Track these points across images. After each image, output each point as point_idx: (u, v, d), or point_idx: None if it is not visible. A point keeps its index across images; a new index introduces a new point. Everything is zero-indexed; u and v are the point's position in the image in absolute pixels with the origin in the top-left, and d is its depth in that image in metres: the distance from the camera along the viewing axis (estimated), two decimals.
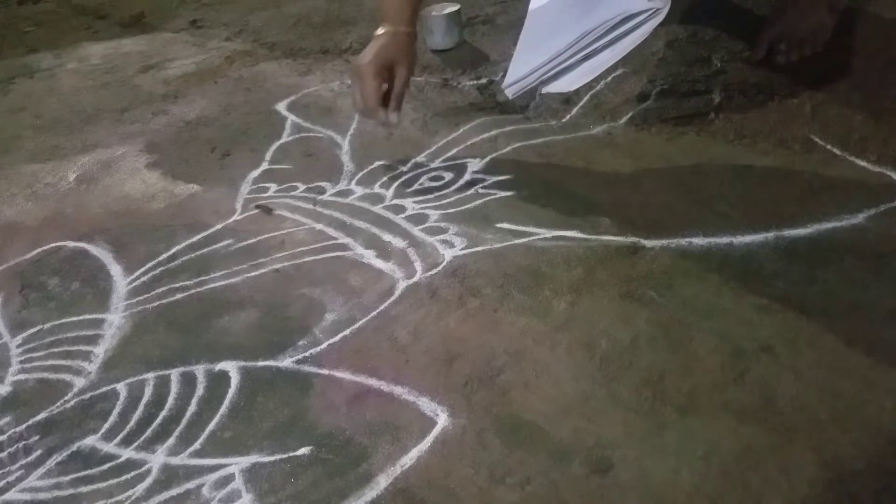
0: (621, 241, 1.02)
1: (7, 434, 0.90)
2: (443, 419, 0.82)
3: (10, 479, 0.84)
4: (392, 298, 1.00)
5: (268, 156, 1.39)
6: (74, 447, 0.87)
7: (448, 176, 1.23)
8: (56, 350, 1.02)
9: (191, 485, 0.80)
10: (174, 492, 0.79)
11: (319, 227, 1.16)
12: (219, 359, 0.95)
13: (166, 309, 1.06)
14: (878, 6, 1.39)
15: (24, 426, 0.91)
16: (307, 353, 0.94)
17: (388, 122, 1.18)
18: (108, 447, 0.86)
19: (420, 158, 1.30)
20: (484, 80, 1.50)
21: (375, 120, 1.20)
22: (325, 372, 0.91)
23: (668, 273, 0.95)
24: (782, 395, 0.77)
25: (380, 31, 1.19)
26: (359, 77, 1.17)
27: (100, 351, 1.00)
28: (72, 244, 1.23)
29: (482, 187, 1.18)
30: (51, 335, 1.04)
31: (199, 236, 1.19)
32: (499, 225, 1.09)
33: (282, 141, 1.43)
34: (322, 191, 1.25)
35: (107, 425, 0.89)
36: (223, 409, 0.88)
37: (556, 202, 1.12)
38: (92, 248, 1.21)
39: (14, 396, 0.95)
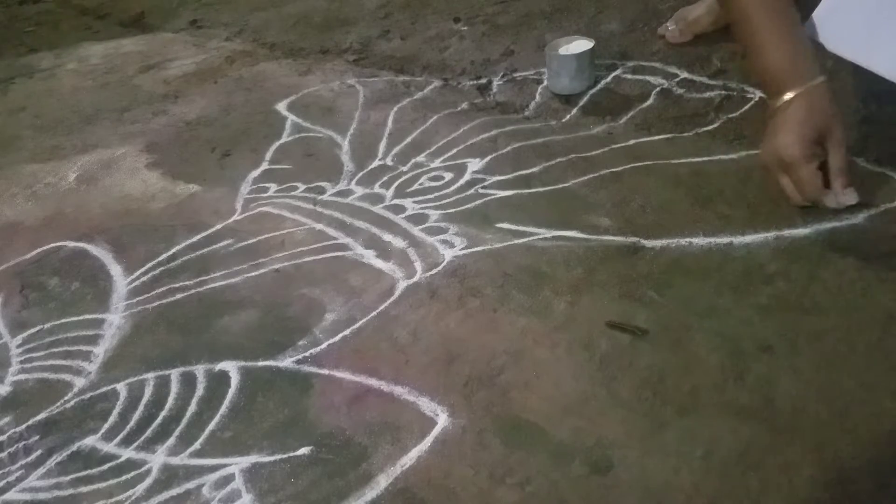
0: (621, 241, 1.02)
1: (7, 434, 0.90)
2: (443, 419, 0.82)
3: (10, 479, 0.84)
4: (392, 298, 1.00)
5: (268, 156, 1.39)
6: (74, 447, 0.87)
7: (448, 176, 1.23)
8: (56, 350, 1.02)
9: (191, 485, 0.80)
10: (174, 492, 0.79)
11: (319, 227, 1.16)
12: (219, 359, 0.95)
13: (166, 309, 1.06)
14: None
15: (24, 426, 0.91)
16: (307, 353, 0.94)
17: (841, 203, 0.95)
18: (108, 447, 0.86)
19: (420, 158, 1.30)
20: (484, 80, 1.50)
21: (825, 205, 0.96)
22: (325, 372, 0.91)
23: (668, 273, 0.95)
24: (782, 395, 0.77)
25: (788, 95, 0.93)
26: (786, 168, 0.94)
27: (100, 351, 1.00)
28: (72, 244, 1.23)
29: (482, 187, 1.18)
30: (51, 335, 1.04)
31: (199, 236, 1.19)
32: (499, 225, 1.09)
33: (282, 141, 1.43)
34: (322, 191, 1.26)
35: (107, 425, 0.89)
36: (223, 409, 0.88)
37: (556, 202, 1.12)
38: (92, 248, 1.21)
39: (14, 396, 0.96)
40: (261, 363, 0.94)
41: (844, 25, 0.91)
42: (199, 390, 0.91)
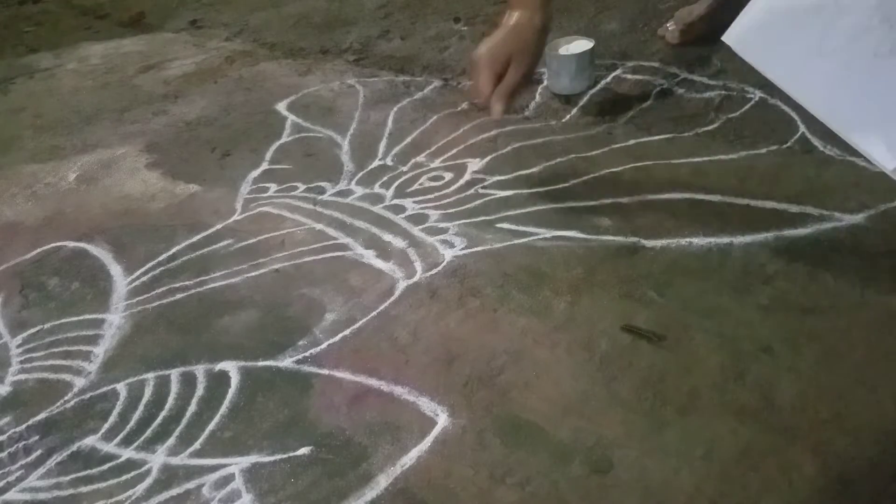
0: (621, 241, 1.02)
1: (7, 434, 0.90)
2: (443, 419, 0.82)
3: (10, 479, 0.84)
4: (392, 298, 1.00)
5: (268, 156, 1.39)
6: (74, 447, 0.87)
7: (448, 176, 1.23)
8: (56, 350, 1.02)
9: (191, 485, 0.80)
10: (174, 492, 0.79)
11: (319, 227, 1.16)
12: (219, 359, 0.95)
13: (166, 309, 1.06)
14: None
15: (24, 426, 0.91)
16: (307, 353, 0.94)
17: (491, 113, 1.10)
18: (108, 447, 0.86)
19: (420, 158, 1.30)
20: None
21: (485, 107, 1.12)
22: (325, 372, 0.91)
23: (668, 273, 0.95)
24: (782, 395, 0.77)
25: (507, 17, 1.09)
26: (472, 68, 1.11)
27: (100, 351, 1.00)
28: (72, 244, 1.23)
29: (482, 187, 1.18)
30: (51, 335, 1.04)
31: (199, 236, 1.19)
32: (499, 225, 1.09)
33: (282, 141, 1.43)
34: (322, 191, 1.26)
35: (107, 425, 0.89)
36: (223, 409, 0.88)
37: (556, 202, 1.12)
38: (92, 248, 1.21)
39: (14, 396, 0.95)
40: (261, 363, 0.94)
41: (764, 45, 0.84)
42: (199, 390, 0.91)
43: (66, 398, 0.94)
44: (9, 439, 0.89)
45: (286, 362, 0.93)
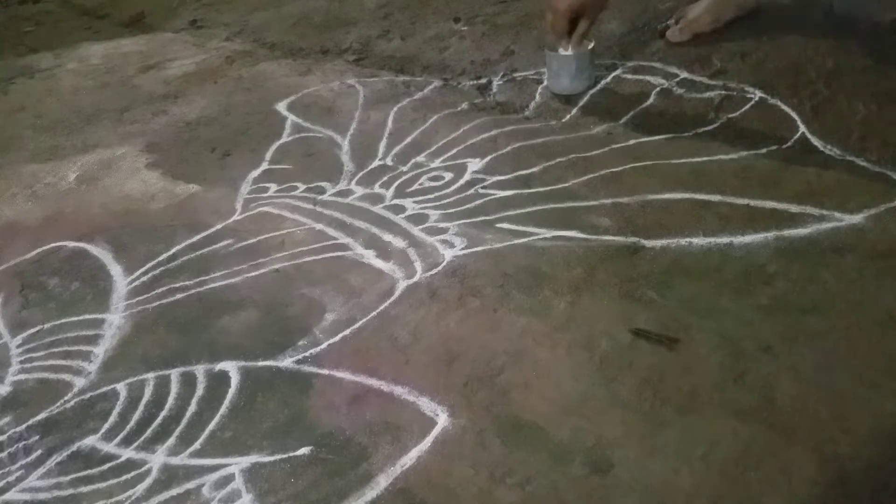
0: (621, 241, 1.02)
1: (7, 434, 0.90)
2: (443, 419, 0.82)
3: (10, 479, 0.84)
4: (392, 298, 1.00)
5: (268, 156, 1.39)
6: (74, 447, 0.87)
7: (448, 176, 1.23)
8: (56, 350, 1.02)
9: (191, 485, 0.80)
10: (174, 492, 0.79)
11: (319, 227, 1.16)
12: (219, 359, 0.95)
13: (166, 309, 1.06)
14: (876, 9, 1.39)
15: (24, 426, 0.91)
16: (307, 353, 0.94)
17: (562, 51, 1.37)
18: (108, 447, 0.86)
19: (420, 158, 1.30)
20: (484, 80, 1.50)
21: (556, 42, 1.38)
22: (325, 372, 0.91)
23: (668, 273, 0.95)
24: (782, 395, 0.77)
25: None
26: (552, 9, 1.35)
27: (100, 351, 1.00)
28: (72, 244, 1.23)
29: (482, 187, 1.18)
30: (51, 335, 1.04)
31: (199, 236, 1.19)
32: (499, 225, 1.09)
33: (282, 141, 1.43)
34: (322, 191, 1.26)
35: (107, 425, 0.89)
36: (223, 409, 0.88)
37: (556, 202, 1.12)
38: (92, 248, 1.21)
39: (14, 396, 0.95)
40: (261, 363, 0.94)
41: None
42: (199, 390, 0.91)
43: (66, 398, 0.94)
44: (9, 439, 0.89)
45: (286, 362, 0.93)
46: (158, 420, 0.88)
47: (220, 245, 1.16)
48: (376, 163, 1.31)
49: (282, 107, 1.56)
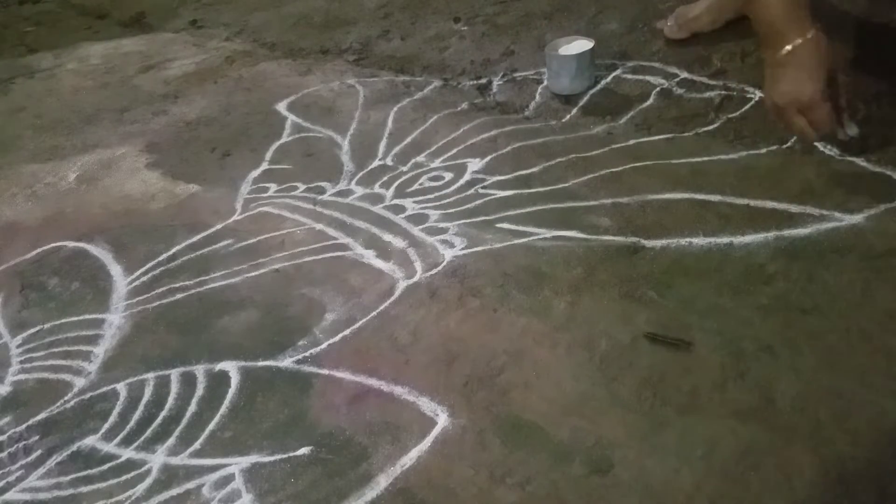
0: (621, 241, 1.02)
1: (7, 434, 0.90)
2: (443, 419, 0.82)
3: (10, 479, 0.84)
4: (392, 298, 1.00)
5: (268, 156, 1.39)
6: (74, 447, 0.87)
7: (448, 176, 1.23)
8: (56, 350, 1.02)
9: (191, 485, 0.80)
10: (174, 492, 0.79)
11: (319, 227, 1.16)
12: (219, 359, 0.95)
13: (166, 309, 1.06)
14: (876, 9, 1.39)
15: (24, 426, 0.91)
16: (307, 353, 0.94)
17: (849, 134, 1.05)
18: (108, 447, 0.86)
19: (420, 158, 1.30)
20: (484, 80, 1.50)
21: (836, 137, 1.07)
22: (325, 372, 0.91)
23: (668, 273, 0.95)
24: (782, 395, 0.77)
25: (792, 44, 0.99)
26: (803, 108, 0.99)
27: (100, 351, 1.00)
28: (72, 244, 1.23)
29: (482, 187, 1.18)
30: (51, 335, 1.04)
31: (199, 236, 1.19)
32: (499, 225, 1.09)
33: (282, 141, 1.43)
34: (322, 191, 1.25)
35: (107, 425, 0.89)
36: (223, 409, 0.88)
37: (556, 202, 1.11)
38: (92, 248, 1.21)
39: (14, 396, 0.96)
40: (261, 363, 0.94)
41: None
42: (199, 390, 0.91)
43: (66, 398, 0.94)
44: (9, 439, 0.89)
45: (286, 362, 0.93)
46: (158, 420, 0.88)
47: (220, 245, 1.16)
48: (376, 163, 1.31)
49: (282, 107, 1.55)
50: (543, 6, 1.72)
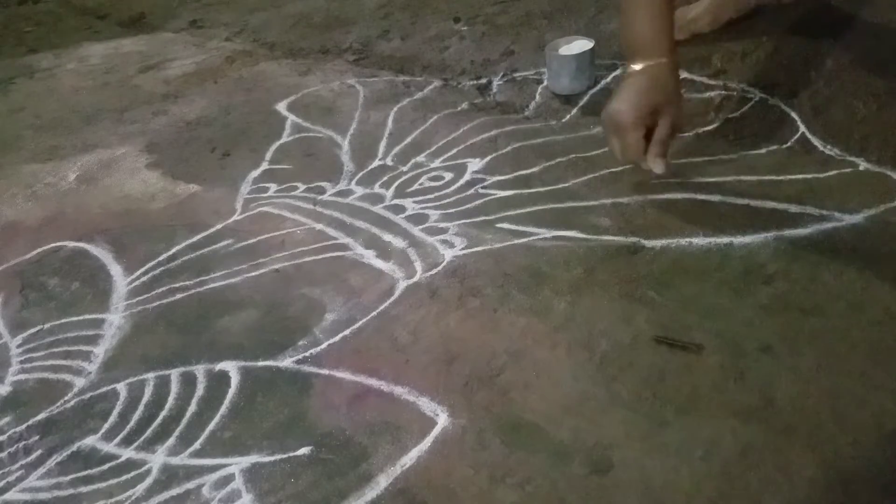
0: (621, 241, 1.02)
1: (7, 434, 0.90)
2: (443, 419, 0.82)
3: (10, 479, 0.84)
4: (392, 298, 1.00)
5: (268, 156, 1.39)
6: (74, 447, 0.87)
7: (448, 176, 1.23)
8: (56, 350, 1.02)
9: (191, 485, 0.80)
10: (174, 492, 0.79)
11: (319, 227, 1.16)
12: (219, 359, 0.95)
13: (166, 309, 1.06)
14: (876, 9, 1.39)
15: (24, 426, 0.91)
16: (307, 353, 0.94)
17: (650, 168, 1.04)
18: (108, 447, 0.86)
19: (420, 158, 1.30)
20: (484, 80, 1.50)
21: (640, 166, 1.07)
22: (325, 372, 0.91)
23: (668, 273, 0.95)
24: (782, 395, 0.77)
25: (635, 66, 1.02)
26: (615, 130, 1.02)
27: (100, 351, 1.00)
28: (72, 244, 1.23)
29: (482, 187, 1.18)
30: (51, 335, 1.04)
31: (199, 236, 1.19)
32: (499, 225, 1.09)
33: (282, 141, 1.43)
34: (322, 191, 1.26)
35: (107, 425, 0.89)
36: (223, 409, 0.88)
37: (556, 202, 1.11)
38: (92, 248, 1.21)
39: (14, 396, 0.96)
40: (261, 363, 0.94)
41: None
42: (199, 390, 0.91)
43: (66, 398, 0.94)
44: (9, 439, 0.89)
45: (286, 362, 0.93)
46: (158, 420, 0.88)
47: (220, 245, 1.16)
48: (376, 163, 1.31)
49: (282, 107, 1.56)
50: (543, 6, 1.72)
